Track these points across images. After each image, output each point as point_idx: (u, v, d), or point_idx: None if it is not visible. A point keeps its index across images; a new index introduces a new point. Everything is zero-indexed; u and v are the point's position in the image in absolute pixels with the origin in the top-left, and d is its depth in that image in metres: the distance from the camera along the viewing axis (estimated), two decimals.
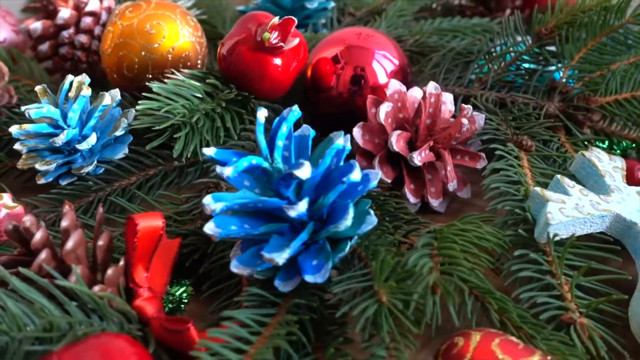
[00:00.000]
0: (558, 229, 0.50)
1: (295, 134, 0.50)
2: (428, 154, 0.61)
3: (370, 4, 0.98)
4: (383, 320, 0.42)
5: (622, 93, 0.68)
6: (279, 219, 0.47)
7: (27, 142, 0.60)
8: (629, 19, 0.69)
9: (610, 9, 0.69)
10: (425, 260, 0.44)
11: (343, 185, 0.45)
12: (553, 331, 0.45)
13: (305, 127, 0.50)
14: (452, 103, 0.66)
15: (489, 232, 0.49)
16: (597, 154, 0.59)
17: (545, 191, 0.52)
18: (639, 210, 0.53)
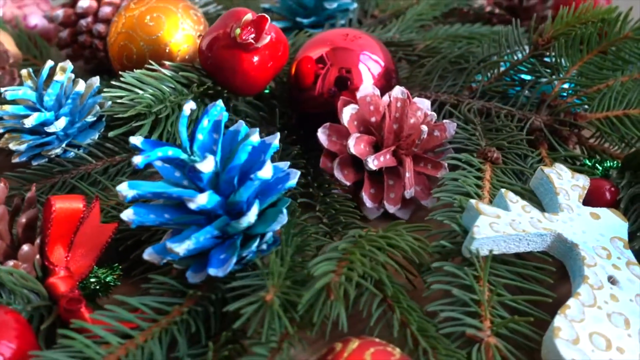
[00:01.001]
0: (486, 244, 0.48)
1: (230, 129, 0.51)
2: (388, 159, 0.60)
3: (394, 6, 0.97)
4: (267, 319, 0.41)
5: (614, 110, 0.64)
6: (198, 211, 0.48)
7: (7, 122, 0.63)
8: (627, 33, 0.65)
9: (609, 22, 0.65)
10: (326, 264, 0.44)
11: (252, 182, 0.45)
12: (455, 348, 0.44)
13: (238, 123, 0.51)
14: (429, 109, 0.64)
15: (409, 241, 0.48)
16: (559, 170, 0.56)
17: (481, 204, 0.50)
18: (586, 232, 0.50)
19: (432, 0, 0.94)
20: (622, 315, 0.45)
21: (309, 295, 0.42)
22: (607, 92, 0.65)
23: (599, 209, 0.53)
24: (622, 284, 0.47)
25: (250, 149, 0.46)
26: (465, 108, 0.67)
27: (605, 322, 0.44)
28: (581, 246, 0.49)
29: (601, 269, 0.48)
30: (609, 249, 0.50)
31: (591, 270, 0.47)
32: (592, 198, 0.56)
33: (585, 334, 0.43)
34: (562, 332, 0.42)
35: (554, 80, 0.68)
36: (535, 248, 0.50)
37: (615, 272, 0.48)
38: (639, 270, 0.49)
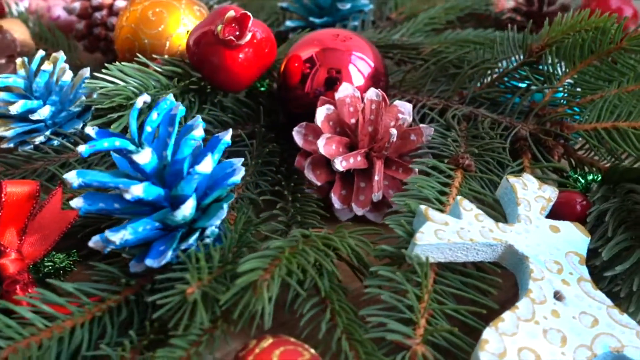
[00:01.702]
0: (429, 251, 0.47)
1: (187, 124, 0.51)
2: (359, 161, 0.59)
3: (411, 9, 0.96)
4: (187, 311, 0.42)
5: (603, 122, 0.62)
6: (145, 203, 0.48)
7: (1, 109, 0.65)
8: (622, 42, 0.63)
9: (604, 30, 0.63)
10: (255, 262, 0.44)
11: (191, 176, 0.45)
12: (382, 354, 0.43)
13: (195, 118, 0.51)
14: (410, 113, 0.63)
15: (349, 243, 0.47)
16: (526, 180, 0.54)
17: (430, 211, 0.49)
18: (540, 244, 0.49)
19: (447, 4, 0.93)
20: (559, 332, 0.43)
21: (232, 292, 0.42)
22: (598, 103, 0.63)
23: (560, 222, 0.51)
24: (568, 300, 0.45)
25: (194, 143, 0.46)
26: (450, 114, 0.66)
27: (539, 338, 0.42)
28: (531, 259, 0.48)
29: (548, 283, 0.46)
30: (562, 263, 0.48)
31: (537, 284, 0.46)
32: (562, 211, 0.55)
33: (514, 348, 0.41)
34: (488, 344, 0.41)
35: (545, 88, 0.66)
36: (485, 258, 0.49)
37: (564, 288, 0.46)
38: (590, 287, 0.47)
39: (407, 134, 0.61)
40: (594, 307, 0.45)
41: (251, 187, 0.60)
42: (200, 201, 0.48)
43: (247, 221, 0.51)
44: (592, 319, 0.45)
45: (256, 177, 0.61)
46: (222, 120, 0.66)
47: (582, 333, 0.44)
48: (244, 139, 0.65)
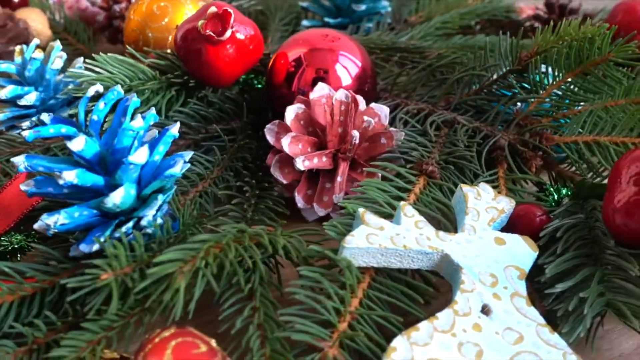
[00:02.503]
0: (359, 255, 0.46)
1: (143, 115, 0.52)
2: (324, 162, 0.59)
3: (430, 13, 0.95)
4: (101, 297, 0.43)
5: (584, 135, 0.60)
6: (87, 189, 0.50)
7: None
8: (610, 54, 0.60)
9: (592, 40, 0.61)
10: (175, 254, 0.44)
11: (126, 165, 0.46)
12: (294, 355, 0.43)
13: (150, 110, 0.52)
14: (386, 116, 0.62)
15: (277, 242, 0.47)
16: (481, 190, 0.53)
17: (367, 214, 0.48)
18: (479, 256, 0.47)
19: (463, 10, 0.91)
20: (476, 347, 0.42)
21: (146, 282, 0.42)
22: (581, 116, 0.60)
23: (508, 235, 0.50)
24: (495, 315, 0.44)
25: (132, 133, 0.47)
26: (430, 119, 0.64)
27: (452, 351, 0.41)
28: (465, 270, 0.46)
29: (477, 296, 0.45)
30: (498, 277, 0.46)
31: (464, 295, 0.45)
32: (519, 223, 0.53)
33: (423, 358, 0.40)
34: (395, 353, 0.40)
35: (529, 98, 0.64)
36: (421, 266, 0.48)
37: (493, 302, 0.45)
38: (523, 303, 0.45)
39: (377, 137, 0.60)
40: (523, 324, 0.44)
41: (219, 182, 0.61)
42: (142, 191, 0.49)
43: (195, 215, 0.51)
44: (516, 336, 0.43)
45: (227, 172, 0.62)
46: (205, 115, 0.67)
47: (502, 349, 0.42)
48: (220, 134, 0.65)
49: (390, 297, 0.47)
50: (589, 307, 0.45)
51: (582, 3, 0.92)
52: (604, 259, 0.48)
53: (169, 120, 0.66)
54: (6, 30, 0.79)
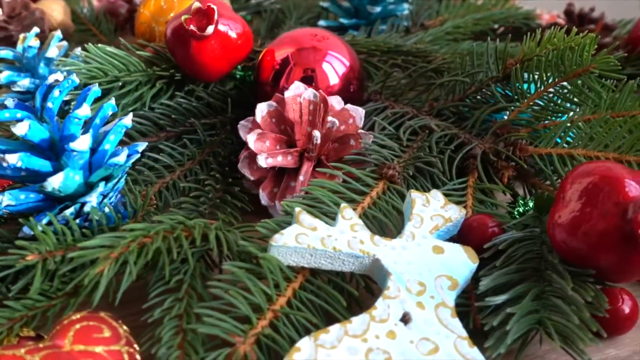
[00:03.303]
0: (288, 254, 0.46)
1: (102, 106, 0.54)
2: (288, 160, 0.59)
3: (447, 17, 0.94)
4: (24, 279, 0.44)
5: (559, 147, 0.58)
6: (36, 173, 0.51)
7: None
8: (592, 65, 0.58)
9: (575, 50, 0.59)
10: (105, 240, 0.45)
11: (68, 152, 0.48)
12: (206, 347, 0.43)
13: (109, 100, 0.53)
14: (361, 118, 0.62)
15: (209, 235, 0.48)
16: (431, 197, 0.52)
17: (303, 214, 0.48)
18: (412, 263, 0.47)
19: (478, 15, 0.89)
20: (385, 354, 0.41)
21: (70, 266, 0.44)
22: (558, 128, 0.58)
23: (449, 244, 0.49)
24: (414, 324, 0.43)
25: (78, 121, 0.49)
26: (406, 124, 0.64)
27: (359, 356, 0.41)
28: (393, 276, 0.46)
29: (399, 303, 0.44)
30: (427, 285, 0.45)
31: (386, 302, 0.44)
32: (471, 234, 0.52)
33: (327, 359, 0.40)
34: (298, 353, 0.40)
35: (509, 107, 0.62)
36: (354, 269, 0.48)
37: (415, 310, 0.44)
38: (448, 314, 0.44)
39: (347, 139, 0.60)
40: (441, 335, 0.43)
41: (189, 175, 0.62)
42: (89, 178, 0.50)
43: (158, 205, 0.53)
44: (432, 347, 0.42)
45: (199, 166, 0.63)
46: (189, 109, 0.68)
47: (413, 359, 0.41)
48: (199, 129, 0.66)
49: (320, 300, 0.47)
50: (515, 323, 0.43)
51: (607, 13, 0.89)
52: (548, 275, 0.46)
53: (152, 112, 0.67)
54: (21, 18, 0.82)
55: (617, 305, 0.48)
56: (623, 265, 0.44)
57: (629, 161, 0.54)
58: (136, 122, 0.66)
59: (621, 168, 0.45)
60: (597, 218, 0.43)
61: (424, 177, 0.59)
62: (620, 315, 0.49)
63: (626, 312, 0.49)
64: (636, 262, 0.43)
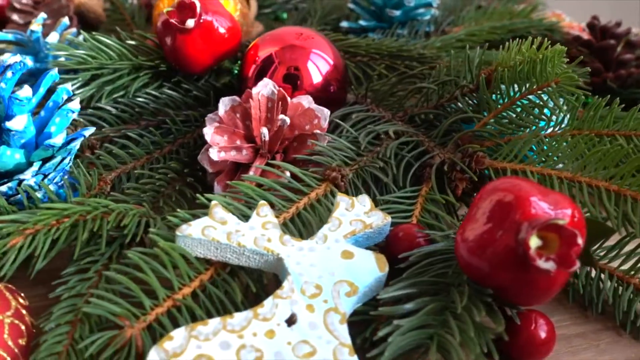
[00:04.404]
0: (194, 245, 0.47)
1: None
2: (243, 155, 0.60)
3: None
4: None
5: (514, 163, 0.56)
6: None
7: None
8: (556, 79, 0.56)
9: (541, 63, 0.56)
10: (23, 216, 0.47)
11: (8, 131, 0.50)
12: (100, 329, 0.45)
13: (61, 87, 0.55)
14: (326, 119, 0.62)
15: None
16: (358, 202, 0.51)
17: (217, 207, 0.49)
18: (315, 265, 0.46)
19: (495, 23, 0.87)
20: (257, 352, 0.41)
21: None
22: (517, 142, 0.56)
23: (360, 250, 0.48)
24: (298, 326, 0.43)
25: (20, 102, 0.51)
26: (369, 130, 0.63)
27: (229, 351, 0.41)
28: (291, 277, 0.45)
29: (288, 304, 0.44)
30: (324, 289, 0.45)
31: (275, 300, 0.44)
32: (398, 243, 0.51)
33: (195, 352, 0.40)
34: (169, 342, 0.41)
35: (474, 117, 0.60)
36: (260, 266, 0.48)
37: (303, 313, 0.43)
38: (336, 320, 0.43)
39: (304, 139, 0.60)
40: (323, 340, 0.42)
41: (155, 163, 0.63)
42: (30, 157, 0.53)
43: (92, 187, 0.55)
44: (309, 350, 0.42)
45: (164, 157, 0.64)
46: (173, 101, 0.70)
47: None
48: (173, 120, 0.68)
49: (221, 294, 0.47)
50: (398, 336, 0.42)
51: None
52: (452, 291, 0.45)
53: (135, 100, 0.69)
54: (48, 3, 0.87)
55: (530, 329, 0.46)
56: (521, 287, 0.42)
57: (580, 181, 0.52)
58: (120, 109, 0.68)
59: (533, 186, 0.43)
60: (497, 237, 0.42)
61: (376, 183, 0.58)
62: (535, 340, 0.46)
63: (542, 337, 0.46)
64: (532, 284, 0.41)
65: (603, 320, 0.51)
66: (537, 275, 0.40)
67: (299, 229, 0.52)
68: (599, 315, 0.52)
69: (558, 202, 0.42)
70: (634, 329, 0.50)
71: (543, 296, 0.42)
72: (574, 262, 0.39)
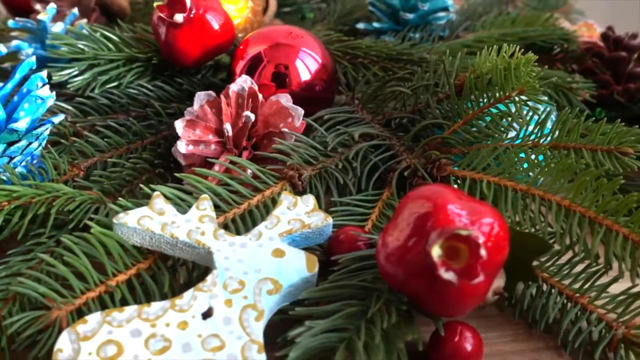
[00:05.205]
0: (129, 233, 0.48)
1: None
2: (210, 150, 0.61)
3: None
4: None
5: (476, 172, 0.55)
6: None
7: None
8: (521, 88, 0.54)
9: (506, 72, 0.55)
10: None
11: None
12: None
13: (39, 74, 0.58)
14: (299, 117, 0.62)
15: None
16: (302, 201, 0.51)
17: (158, 198, 0.50)
18: (243, 261, 0.47)
19: (506, 30, 0.85)
20: (166, 342, 0.42)
21: None
22: (482, 152, 0.55)
23: (293, 250, 0.48)
24: (212, 320, 0.43)
25: None
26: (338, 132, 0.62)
27: (139, 339, 0.42)
28: (217, 271, 0.46)
29: (207, 297, 0.44)
30: (247, 285, 0.45)
31: (195, 293, 0.45)
32: (339, 246, 0.51)
33: (104, 337, 0.41)
34: (83, 325, 0.42)
35: (445, 125, 0.59)
36: (193, 259, 0.49)
37: (220, 307, 0.44)
38: (252, 317, 0.44)
39: (271, 136, 0.61)
40: (233, 336, 0.43)
41: (134, 153, 0.65)
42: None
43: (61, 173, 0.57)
44: (217, 344, 0.42)
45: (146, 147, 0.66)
46: (162, 94, 0.72)
47: (191, 352, 0.41)
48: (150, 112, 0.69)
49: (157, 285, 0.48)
50: (309, 338, 0.42)
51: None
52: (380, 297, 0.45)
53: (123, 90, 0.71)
54: None
55: (454, 341, 0.45)
56: (433, 297, 0.41)
57: (533, 194, 0.50)
58: (111, 99, 0.70)
59: (455, 195, 0.42)
60: (411, 244, 0.41)
61: (339, 185, 0.58)
62: (461, 352, 0.45)
63: (468, 350, 0.45)
64: (443, 294, 0.40)
65: (546, 339, 0.50)
66: (443, 285, 0.39)
67: (248, 226, 0.52)
68: (544, 334, 0.50)
69: (478, 212, 0.41)
70: (574, 351, 0.48)
71: (457, 307, 0.41)
72: (476, 274, 0.38)
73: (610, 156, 0.53)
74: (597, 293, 0.49)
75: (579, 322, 0.48)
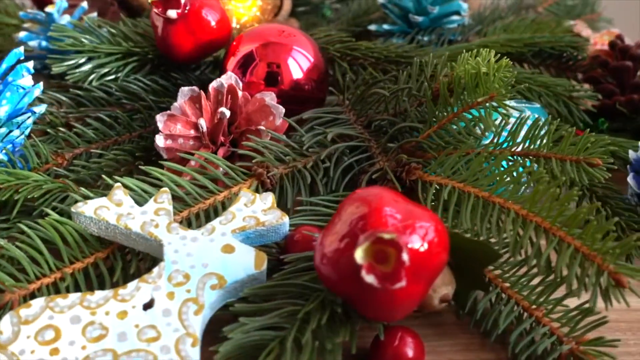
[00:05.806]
0: (86, 222, 0.49)
1: None
2: (189, 145, 0.62)
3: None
4: None
5: (443, 177, 0.54)
6: None
7: None
8: (492, 95, 0.53)
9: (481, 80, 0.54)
10: None
11: None
12: None
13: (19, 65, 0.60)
14: (281, 115, 0.62)
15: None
16: (260, 199, 0.52)
17: (119, 189, 0.51)
18: (191, 255, 0.47)
19: (512, 35, 0.83)
20: (103, 330, 0.43)
21: None
22: (453, 157, 0.55)
23: (243, 246, 0.48)
24: (152, 311, 0.44)
25: None
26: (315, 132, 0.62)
27: (77, 326, 0.43)
28: (164, 263, 0.47)
29: (150, 289, 0.45)
30: (191, 279, 0.46)
31: (139, 284, 0.45)
32: (295, 246, 0.51)
33: (45, 322, 0.43)
34: (26, 309, 0.43)
35: (420, 129, 0.59)
36: (147, 251, 0.50)
37: (161, 299, 0.45)
38: (191, 311, 0.44)
39: (248, 133, 0.61)
40: (170, 328, 0.43)
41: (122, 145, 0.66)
42: None
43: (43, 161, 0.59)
44: (153, 335, 0.43)
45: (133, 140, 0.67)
46: (156, 88, 0.73)
47: (126, 342, 0.42)
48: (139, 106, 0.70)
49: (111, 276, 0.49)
50: (241, 334, 0.42)
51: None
52: (318, 297, 0.45)
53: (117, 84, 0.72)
54: None
55: (393, 346, 0.45)
56: (364, 300, 0.41)
57: (494, 202, 0.49)
58: (106, 92, 0.72)
59: (392, 199, 0.42)
60: (343, 246, 0.41)
61: (311, 185, 0.58)
62: (401, 358, 0.45)
63: (409, 355, 0.45)
64: (372, 297, 0.40)
65: (498, 351, 0.49)
66: (368, 288, 0.39)
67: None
68: (497, 345, 0.49)
69: (414, 215, 0.41)
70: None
71: (386, 311, 0.41)
72: (399, 279, 0.38)
73: (578, 167, 0.51)
74: (552, 306, 0.48)
75: (531, 334, 0.47)
